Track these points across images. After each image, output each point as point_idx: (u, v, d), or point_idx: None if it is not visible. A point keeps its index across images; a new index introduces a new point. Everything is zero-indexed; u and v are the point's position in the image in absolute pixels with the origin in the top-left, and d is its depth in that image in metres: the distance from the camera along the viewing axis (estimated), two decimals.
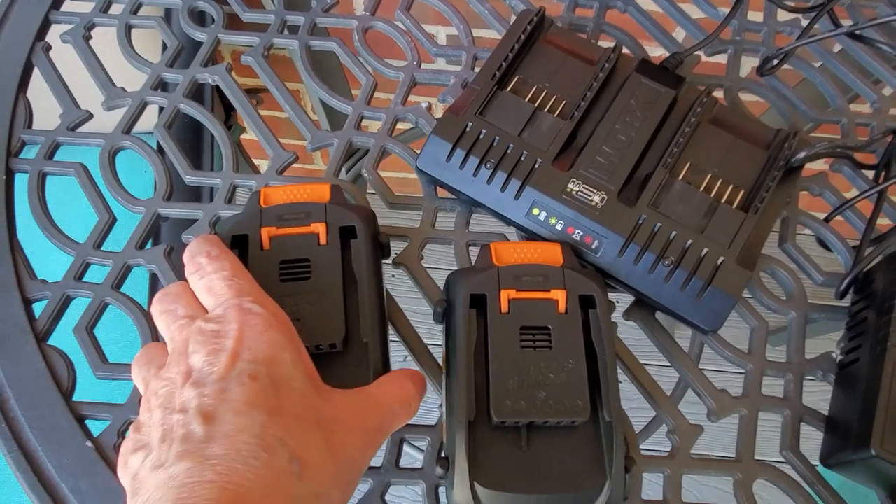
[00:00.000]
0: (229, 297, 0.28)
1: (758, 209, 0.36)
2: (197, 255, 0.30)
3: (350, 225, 0.33)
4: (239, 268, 0.30)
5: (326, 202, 0.34)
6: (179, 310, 0.29)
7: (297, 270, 0.32)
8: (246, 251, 0.33)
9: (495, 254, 0.34)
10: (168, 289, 0.30)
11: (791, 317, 0.38)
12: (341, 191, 0.36)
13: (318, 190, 0.35)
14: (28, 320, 0.37)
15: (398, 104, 0.44)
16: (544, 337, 0.30)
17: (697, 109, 0.39)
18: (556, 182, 0.37)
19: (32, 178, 0.41)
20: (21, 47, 0.46)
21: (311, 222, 0.33)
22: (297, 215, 0.33)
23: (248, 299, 0.28)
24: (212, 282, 0.29)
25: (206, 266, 0.30)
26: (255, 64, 0.45)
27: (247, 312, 0.27)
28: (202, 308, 0.29)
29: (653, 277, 0.36)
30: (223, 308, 0.28)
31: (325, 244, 0.33)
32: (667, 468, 0.34)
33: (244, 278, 0.30)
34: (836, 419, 0.35)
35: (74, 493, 0.33)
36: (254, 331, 0.27)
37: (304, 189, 0.35)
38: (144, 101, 0.44)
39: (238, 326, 0.27)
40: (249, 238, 0.33)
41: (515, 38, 0.41)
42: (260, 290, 0.30)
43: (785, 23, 0.48)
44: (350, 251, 0.33)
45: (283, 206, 0.34)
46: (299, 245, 0.32)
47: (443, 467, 0.29)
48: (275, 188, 0.35)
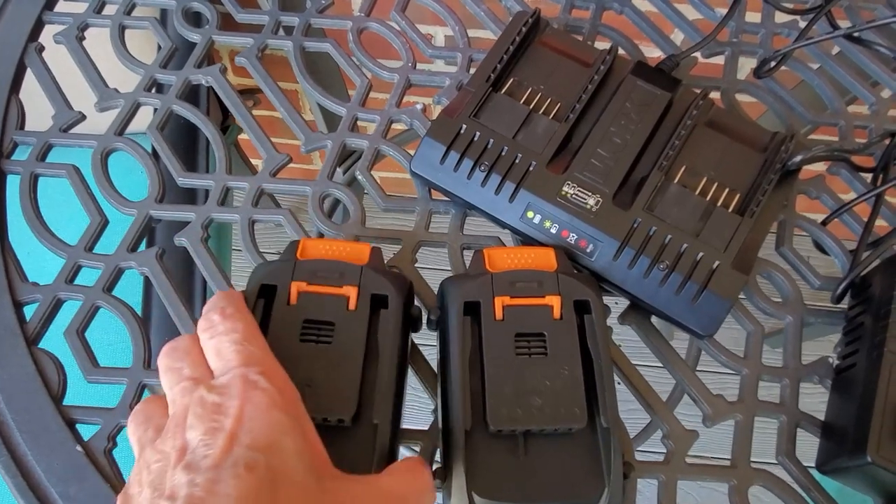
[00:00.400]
0: (236, 364, 0.27)
1: (754, 213, 0.36)
2: (211, 310, 0.29)
3: (383, 294, 0.32)
4: (252, 332, 0.28)
5: (364, 264, 0.33)
6: (185, 369, 0.28)
7: (319, 332, 0.30)
8: (272, 302, 0.31)
9: (488, 259, 0.34)
10: (177, 342, 0.29)
11: (787, 321, 0.38)
12: (381, 254, 0.35)
13: (358, 250, 0.34)
14: (18, 323, 0.37)
15: (393, 106, 0.44)
16: (540, 343, 0.30)
17: (693, 112, 0.39)
18: (550, 185, 0.37)
19: (24, 180, 0.41)
20: (14, 48, 0.45)
21: (343, 284, 0.31)
22: (331, 274, 0.32)
23: (256, 370, 0.26)
24: (221, 343, 0.28)
25: (219, 325, 0.28)
26: (248, 65, 0.45)
27: (252, 386, 0.26)
28: (209, 370, 0.28)
29: (648, 281, 0.36)
30: (228, 377, 0.26)
31: (353, 309, 0.31)
32: (662, 474, 0.34)
33: (256, 344, 0.28)
34: (833, 425, 0.35)
35: (64, 499, 0.33)
36: (257, 409, 0.25)
37: (344, 246, 0.34)
38: (137, 103, 0.44)
39: (240, 403, 0.25)
40: (278, 290, 0.31)
41: (510, 39, 0.41)
42: (272, 358, 0.28)
43: (783, 24, 0.48)
44: (378, 320, 0.31)
45: (319, 261, 0.32)
46: (327, 306, 0.31)
47: (440, 477, 0.29)
48: (315, 241, 0.34)
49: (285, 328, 0.30)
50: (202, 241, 0.39)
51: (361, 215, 0.40)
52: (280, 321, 0.31)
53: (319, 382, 0.29)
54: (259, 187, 0.41)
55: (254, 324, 0.29)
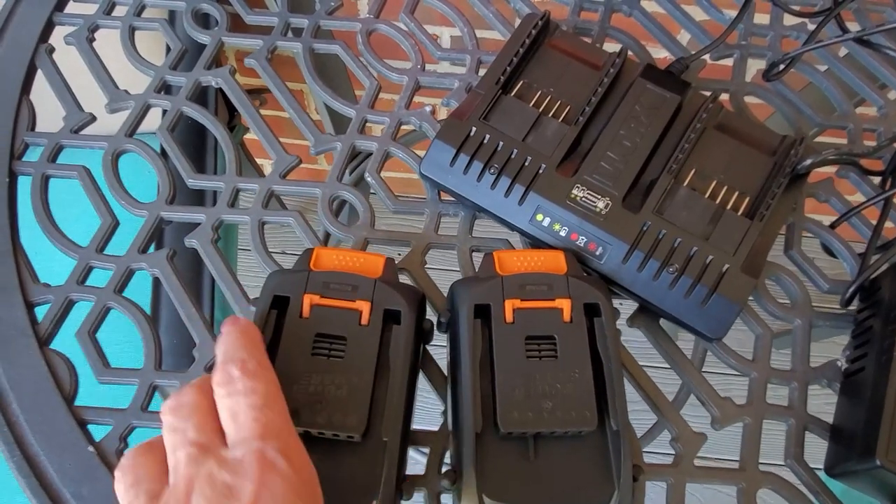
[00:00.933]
0: (253, 435, 0.24)
1: (763, 216, 0.36)
2: (230, 362, 0.27)
3: (396, 310, 0.32)
4: (274, 394, 0.26)
5: (377, 277, 0.33)
6: (190, 431, 0.25)
7: (331, 347, 0.30)
8: (284, 313, 0.31)
9: (499, 262, 0.34)
10: (183, 396, 0.26)
11: (796, 324, 0.38)
12: (395, 266, 0.35)
13: (373, 262, 0.34)
14: (30, 324, 0.37)
15: (402, 108, 0.44)
16: (550, 346, 0.30)
17: (703, 115, 0.39)
18: (560, 188, 0.37)
19: (35, 181, 0.41)
20: (25, 49, 0.45)
21: (356, 298, 0.31)
22: (343, 287, 0.32)
23: (274, 446, 0.24)
24: (238, 405, 0.25)
25: (237, 382, 0.26)
26: (258, 67, 0.45)
27: (269, 468, 0.23)
28: (219, 433, 0.25)
29: (657, 284, 0.36)
30: (243, 451, 0.24)
31: (365, 324, 0.31)
32: (670, 477, 0.34)
33: (276, 410, 0.26)
34: (841, 428, 0.35)
35: (76, 499, 0.33)
36: (273, 497, 0.23)
37: (358, 258, 0.34)
38: (148, 104, 0.44)
39: (255, 489, 0.23)
40: (290, 302, 0.31)
41: (520, 42, 0.41)
42: (291, 430, 0.26)
43: (791, 27, 0.48)
44: (391, 336, 0.31)
45: (333, 273, 0.32)
46: (339, 320, 0.31)
47: (450, 479, 0.29)
48: (329, 251, 0.34)
49: (297, 341, 0.30)
50: (212, 242, 0.39)
51: (371, 217, 0.40)
52: (292, 334, 0.31)
53: (331, 399, 0.29)
54: (269, 189, 0.41)
55: (275, 382, 0.27)
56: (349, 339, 0.31)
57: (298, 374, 0.29)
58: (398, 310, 0.32)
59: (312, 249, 0.34)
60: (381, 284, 0.32)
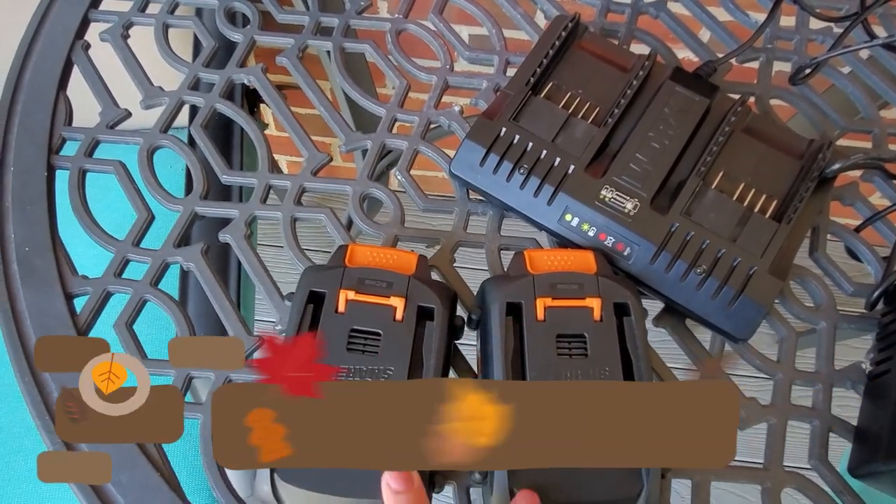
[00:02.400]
0: None
1: (790, 219, 0.36)
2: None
3: (430, 307, 0.32)
4: None
5: (411, 274, 0.33)
6: None
7: (366, 342, 0.31)
8: (320, 308, 0.32)
9: (529, 261, 0.34)
10: None
11: (821, 326, 0.39)
12: (427, 263, 0.35)
13: (406, 259, 0.34)
14: (70, 315, 0.38)
15: (431, 107, 0.44)
16: (580, 344, 0.31)
17: (731, 118, 0.39)
18: (589, 188, 0.38)
19: (73, 175, 0.42)
20: (61, 45, 0.46)
21: (391, 294, 0.32)
22: (378, 283, 0.33)
23: None
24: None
25: None
26: (290, 65, 0.46)
27: None
28: None
29: (684, 285, 0.36)
30: None
31: (399, 320, 0.32)
32: (696, 475, 0.35)
33: None
34: (866, 430, 0.35)
35: (115, 485, 0.34)
36: None
37: (391, 255, 0.35)
38: (182, 101, 0.45)
39: None
40: (326, 297, 0.32)
41: (550, 43, 0.41)
42: None
43: (817, 31, 0.48)
44: (424, 331, 0.32)
45: (367, 269, 0.33)
46: (374, 316, 0.32)
47: (481, 473, 0.30)
48: (363, 247, 0.35)
49: (334, 336, 0.31)
50: (245, 238, 0.40)
51: (401, 215, 0.41)
52: (329, 329, 0.31)
53: None
54: (301, 186, 0.42)
55: None
56: (384, 334, 0.31)
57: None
58: (432, 307, 0.32)
59: (346, 246, 0.35)
60: (414, 281, 0.33)
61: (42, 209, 0.41)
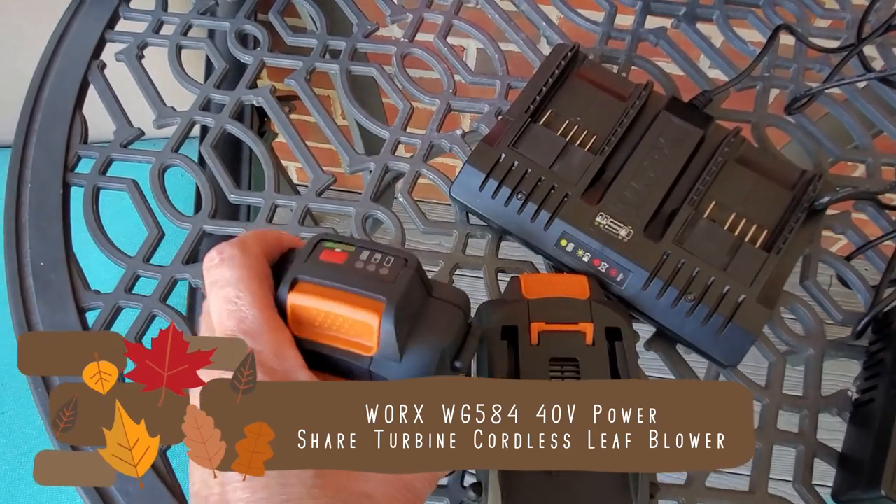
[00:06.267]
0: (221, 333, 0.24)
1: (780, 249, 0.37)
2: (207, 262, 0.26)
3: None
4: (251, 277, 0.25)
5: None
6: None
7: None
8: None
9: (525, 286, 0.35)
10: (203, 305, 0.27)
11: (808, 353, 0.39)
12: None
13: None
14: (82, 328, 0.39)
15: (433, 130, 0.46)
16: (573, 368, 0.32)
17: (725, 149, 0.40)
18: (584, 215, 0.39)
19: (87, 192, 0.44)
20: (79, 64, 0.48)
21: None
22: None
23: None
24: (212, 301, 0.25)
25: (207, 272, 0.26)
26: (298, 87, 0.47)
27: None
28: None
29: (675, 311, 0.37)
30: None
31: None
32: (682, 497, 0.36)
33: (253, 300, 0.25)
34: (850, 457, 0.36)
35: (123, 494, 0.35)
36: None
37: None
38: (193, 121, 0.46)
39: None
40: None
41: (550, 71, 0.42)
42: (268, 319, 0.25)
43: (814, 60, 0.49)
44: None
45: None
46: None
47: (476, 492, 0.31)
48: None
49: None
50: None
51: (402, 236, 0.42)
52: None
53: None
54: (305, 206, 0.43)
55: None
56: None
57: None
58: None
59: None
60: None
61: (57, 225, 0.42)
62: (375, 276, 0.26)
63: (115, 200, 0.45)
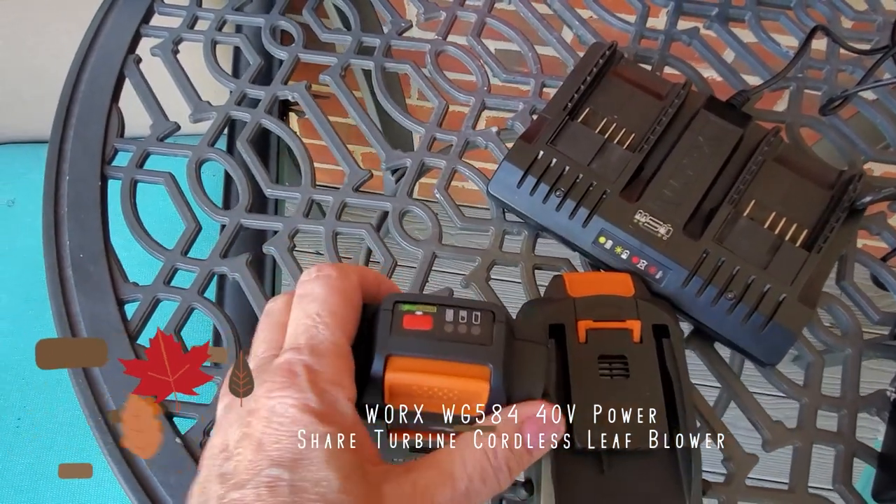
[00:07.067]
0: (289, 345, 0.24)
1: (821, 249, 0.38)
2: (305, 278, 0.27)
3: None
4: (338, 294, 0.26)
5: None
6: (256, 345, 0.26)
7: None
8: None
9: (569, 284, 0.35)
10: (270, 305, 0.28)
11: (846, 353, 0.39)
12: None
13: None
14: (121, 320, 0.39)
15: (468, 127, 0.46)
16: (621, 365, 0.32)
17: (764, 148, 0.40)
18: (623, 212, 0.39)
19: (125, 185, 0.44)
20: (115, 58, 0.48)
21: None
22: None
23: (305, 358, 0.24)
24: (294, 312, 0.26)
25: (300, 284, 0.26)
26: (333, 83, 0.48)
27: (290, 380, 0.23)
28: (278, 346, 0.26)
29: (715, 310, 0.37)
30: (278, 362, 0.24)
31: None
32: (723, 495, 0.36)
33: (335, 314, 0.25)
34: (890, 457, 0.36)
35: (164, 486, 0.35)
36: (284, 411, 0.23)
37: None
38: (229, 116, 0.46)
39: (271, 404, 0.23)
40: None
41: (587, 70, 0.42)
42: None
43: (847, 61, 0.49)
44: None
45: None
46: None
47: (528, 491, 0.31)
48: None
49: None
50: (289, 250, 0.42)
51: (439, 232, 0.42)
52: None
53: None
54: (342, 201, 0.43)
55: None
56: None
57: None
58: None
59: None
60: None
61: (96, 217, 0.42)
62: (469, 337, 0.26)
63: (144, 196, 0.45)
